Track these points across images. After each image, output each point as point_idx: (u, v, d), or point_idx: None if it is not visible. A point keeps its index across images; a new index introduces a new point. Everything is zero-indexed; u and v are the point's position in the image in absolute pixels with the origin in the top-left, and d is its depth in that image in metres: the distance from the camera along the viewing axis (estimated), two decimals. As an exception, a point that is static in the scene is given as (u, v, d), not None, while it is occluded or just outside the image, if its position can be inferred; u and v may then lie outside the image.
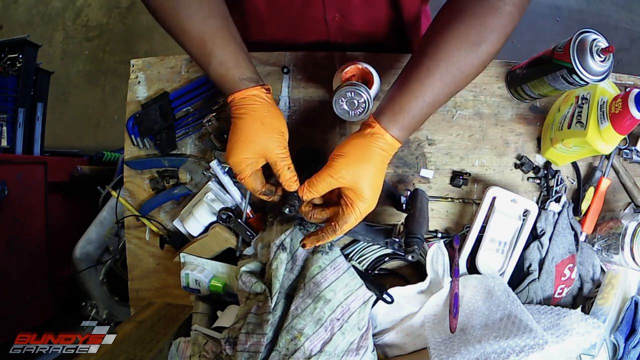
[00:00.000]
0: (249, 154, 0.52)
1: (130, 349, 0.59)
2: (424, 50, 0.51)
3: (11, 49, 1.23)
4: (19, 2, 2.14)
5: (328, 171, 0.50)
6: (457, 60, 0.49)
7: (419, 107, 0.50)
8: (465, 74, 0.50)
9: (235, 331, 0.56)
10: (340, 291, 0.60)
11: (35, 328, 1.18)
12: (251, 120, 0.52)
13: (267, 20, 0.71)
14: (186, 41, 0.51)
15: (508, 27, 0.49)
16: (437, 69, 0.49)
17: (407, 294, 0.66)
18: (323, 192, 0.52)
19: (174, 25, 0.51)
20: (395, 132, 0.50)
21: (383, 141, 0.50)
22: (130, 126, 0.73)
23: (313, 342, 0.55)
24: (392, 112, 0.50)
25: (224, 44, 0.51)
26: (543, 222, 0.67)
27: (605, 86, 0.60)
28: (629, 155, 0.72)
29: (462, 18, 0.49)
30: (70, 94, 2.04)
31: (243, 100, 0.52)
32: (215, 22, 0.51)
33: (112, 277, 1.24)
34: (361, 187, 0.50)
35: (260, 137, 0.52)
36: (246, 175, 0.53)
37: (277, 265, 0.59)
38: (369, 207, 0.52)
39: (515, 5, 0.48)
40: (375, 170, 0.50)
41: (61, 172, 1.34)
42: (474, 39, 0.49)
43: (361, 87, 0.54)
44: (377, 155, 0.50)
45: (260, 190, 0.55)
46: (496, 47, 0.50)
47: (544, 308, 0.63)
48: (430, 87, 0.49)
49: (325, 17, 0.69)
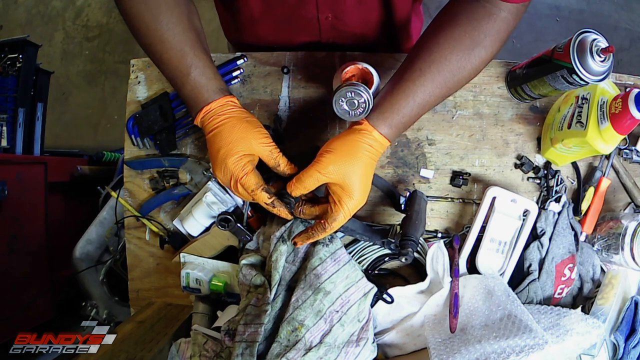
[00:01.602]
0: (246, 150, 0.52)
1: (130, 349, 0.59)
2: (418, 52, 0.52)
3: (11, 49, 1.23)
4: (19, 2, 2.14)
5: (316, 167, 0.51)
6: (450, 63, 0.50)
7: (409, 106, 0.51)
8: (458, 77, 0.51)
9: (235, 323, 0.57)
10: (340, 283, 0.60)
11: (35, 328, 1.18)
12: (237, 121, 0.53)
13: (260, 19, 0.71)
14: (164, 51, 0.52)
15: (502, 33, 0.50)
16: (429, 70, 0.50)
17: (407, 294, 0.66)
18: (311, 187, 0.52)
19: (152, 35, 0.52)
20: (384, 130, 0.51)
21: (371, 138, 0.51)
22: (130, 126, 0.73)
23: (313, 333, 0.55)
24: (382, 110, 0.51)
25: (203, 56, 0.53)
26: (543, 222, 0.67)
27: (605, 86, 0.60)
28: (629, 155, 0.72)
29: (457, 22, 0.50)
30: (70, 94, 2.04)
31: (221, 108, 0.53)
32: (194, 35, 0.53)
33: (112, 277, 1.24)
34: (349, 183, 0.50)
35: (250, 133, 0.53)
36: (248, 170, 0.53)
37: (277, 257, 0.59)
38: (358, 203, 0.52)
39: (511, 12, 0.49)
40: (363, 166, 0.51)
41: (61, 172, 1.34)
42: (467, 44, 0.50)
43: (361, 87, 0.54)
44: (365, 151, 0.51)
45: (263, 185, 0.54)
46: (490, 52, 0.51)
47: (544, 308, 0.63)
48: (421, 87, 0.50)
49: (318, 17, 0.69)
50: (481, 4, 0.49)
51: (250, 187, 0.53)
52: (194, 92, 0.53)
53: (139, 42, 0.54)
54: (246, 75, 0.73)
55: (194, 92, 0.53)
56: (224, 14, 0.79)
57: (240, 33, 0.78)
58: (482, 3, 0.49)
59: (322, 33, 0.73)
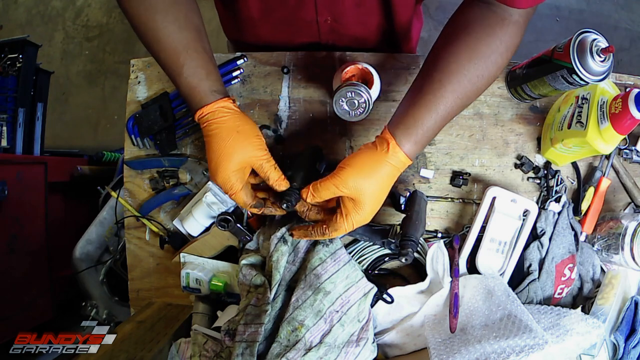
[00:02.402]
0: (235, 166, 0.52)
1: (130, 349, 0.59)
2: (435, 63, 0.51)
3: (11, 49, 1.23)
4: (19, 2, 2.14)
5: (334, 181, 0.50)
6: (469, 72, 0.49)
7: (433, 120, 0.50)
8: (477, 85, 0.50)
9: (235, 323, 0.57)
10: (340, 283, 0.60)
11: (35, 328, 1.18)
12: (226, 132, 0.52)
13: (259, 21, 0.71)
14: (160, 50, 0.52)
15: (516, 38, 0.50)
16: (449, 81, 0.49)
17: (407, 294, 0.66)
18: (326, 198, 0.52)
19: (149, 34, 0.51)
20: (408, 148, 0.50)
21: (396, 159, 0.50)
22: (130, 126, 0.73)
23: (313, 333, 0.56)
24: (406, 125, 0.50)
25: (197, 55, 0.52)
26: (543, 222, 0.67)
27: (605, 86, 0.60)
28: (629, 155, 0.72)
29: (471, 30, 0.50)
30: (70, 94, 2.04)
31: (212, 114, 0.52)
32: (190, 34, 0.52)
33: (112, 277, 1.24)
34: (363, 201, 0.50)
35: (239, 146, 0.52)
36: (237, 189, 0.53)
37: (278, 257, 0.59)
38: (364, 220, 0.52)
39: (522, 15, 0.49)
40: (381, 187, 0.50)
41: (61, 172, 1.34)
42: (484, 51, 0.49)
43: (361, 87, 0.54)
44: (388, 173, 0.50)
45: (251, 203, 0.55)
46: (505, 58, 0.50)
47: (544, 308, 0.63)
48: (442, 99, 0.49)
49: (317, 20, 0.69)
50: (492, 9, 0.48)
51: (239, 203, 0.55)
52: (187, 92, 0.53)
53: (141, 41, 0.54)
54: (246, 75, 0.73)
55: (187, 93, 0.53)
56: (223, 13, 0.79)
57: (240, 33, 0.78)
58: (493, 9, 0.48)
59: (321, 35, 0.73)
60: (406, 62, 0.73)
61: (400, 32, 0.76)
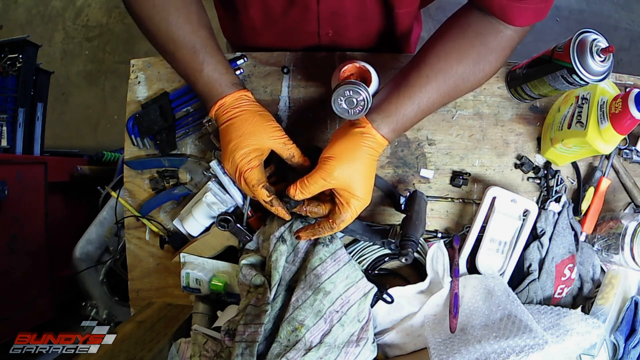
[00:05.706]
0: (256, 144, 0.53)
1: (130, 349, 0.59)
2: (425, 58, 0.53)
3: (11, 49, 1.23)
4: (19, 2, 2.14)
5: (320, 174, 0.51)
6: (455, 74, 0.52)
7: (414, 111, 0.52)
8: (460, 87, 0.53)
9: (235, 323, 0.57)
10: (340, 283, 0.60)
11: (35, 328, 1.18)
12: (250, 114, 0.54)
13: (261, 29, 0.72)
14: (176, 50, 0.53)
15: (507, 50, 0.53)
16: (436, 78, 0.52)
17: (407, 294, 0.66)
18: (315, 192, 0.53)
19: (162, 35, 0.53)
20: (386, 132, 0.52)
21: (373, 140, 0.52)
22: (130, 126, 0.73)
23: (313, 333, 0.56)
24: (387, 113, 0.52)
25: (214, 52, 0.55)
26: (543, 222, 0.67)
27: (605, 86, 0.60)
28: (629, 155, 0.72)
29: (465, 34, 0.52)
30: (70, 94, 2.04)
31: (237, 101, 0.55)
32: (204, 33, 0.54)
33: (112, 277, 1.24)
34: (354, 186, 0.52)
35: (262, 127, 0.54)
36: (255, 164, 0.54)
37: (277, 257, 0.59)
38: (364, 203, 0.53)
39: (517, 31, 0.51)
40: (366, 168, 0.52)
41: (61, 172, 1.34)
42: (474, 57, 0.52)
43: (360, 85, 0.54)
44: (367, 153, 0.52)
45: (264, 183, 0.55)
46: (494, 67, 0.53)
47: (544, 308, 0.63)
48: (426, 94, 0.52)
49: (319, 32, 0.70)
50: (489, 20, 0.51)
51: (251, 181, 0.54)
52: (208, 87, 0.54)
53: (151, 43, 0.55)
54: (246, 75, 0.73)
55: (207, 87, 0.54)
56: (223, 16, 0.79)
57: (239, 37, 0.78)
58: (490, 20, 0.50)
59: (321, 44, 0.74)
60: (405, 61, 0.73)
61: (401, 37, 0.77)
